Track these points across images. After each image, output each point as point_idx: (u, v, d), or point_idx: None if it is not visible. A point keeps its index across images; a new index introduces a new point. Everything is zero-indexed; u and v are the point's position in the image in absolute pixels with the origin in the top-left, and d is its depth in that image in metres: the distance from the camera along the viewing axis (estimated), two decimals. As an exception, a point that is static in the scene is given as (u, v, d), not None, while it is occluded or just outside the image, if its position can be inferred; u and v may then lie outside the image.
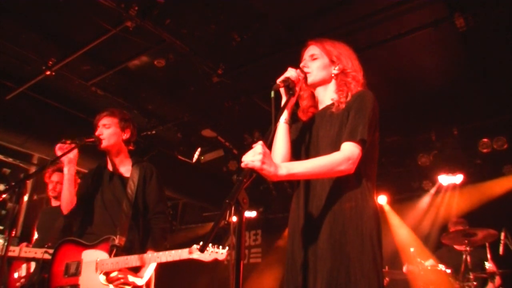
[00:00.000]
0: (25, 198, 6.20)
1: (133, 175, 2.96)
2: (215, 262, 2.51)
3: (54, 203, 4.12)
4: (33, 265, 3.68)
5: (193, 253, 2.44)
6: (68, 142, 2.83)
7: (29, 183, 6.16)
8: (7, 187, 5.97)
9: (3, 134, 5.16)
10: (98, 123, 3.01)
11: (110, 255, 2.67)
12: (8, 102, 5.13)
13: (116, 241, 2.69)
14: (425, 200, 6.45)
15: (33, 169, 6.60)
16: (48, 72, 4.79)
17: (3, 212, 6.38)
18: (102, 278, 2.63)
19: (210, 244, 2.43)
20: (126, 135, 3.06)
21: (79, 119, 5.64)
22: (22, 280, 3.64)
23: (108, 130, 2.96)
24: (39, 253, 3.53)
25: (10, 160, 6.40)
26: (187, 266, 8.01)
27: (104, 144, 2.93)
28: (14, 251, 3.51)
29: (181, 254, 2.50)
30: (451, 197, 6.14)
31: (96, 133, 2.95)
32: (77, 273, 2.72)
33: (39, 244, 3.78)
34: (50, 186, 4.07)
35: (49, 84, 5.23)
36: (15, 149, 5.51)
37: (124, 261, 2.61)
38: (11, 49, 4.68)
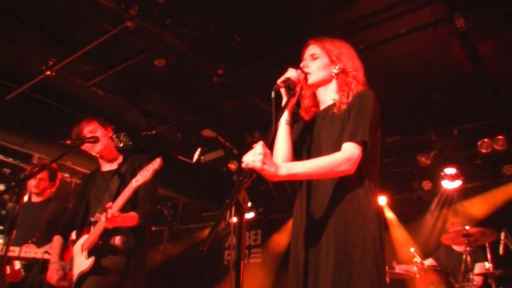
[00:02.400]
0: (25, 198, 6.19)
1: (122, 166, 3.04)
2: (214, 262, 2.54)
3: (35, 199, 4.13)
4: (17, 263, 3.67)
5: (138, 180, 2.62)
6: (68, 142, 2.85)
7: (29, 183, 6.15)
8: (7, 187, 5.97)
9: (3, 134, 5.15)
10: (83, 134, 3.05)
11: (88, 233, 2.75)
12: (8, 102, 5.13)
13: (93, 220, 2.75)
14: (425, 200, 6.45)
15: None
16: (48, 72, 4.79)
17: (3, 212, 6.38)
18: (86, 254, 2.68)
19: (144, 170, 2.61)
20: (110, 132, 3.16)
21: (79, 119, 5.63)
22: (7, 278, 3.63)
23: (96, 134, 3.03)
24: (39, 253, 3.53)
25: (10, 160, 6.40)
26: (187, 267, 8.02)
27: (99, 148, 3.02)
28: (14, 251, 3.51)
29: (129, 187, 2.63)
30: (451, 197, 6.14)
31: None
32: (71, 267, 2.78)
33: (19, 241, 3.76)
34: (33, 183, 4.10)
35: (49, 84, 5.22)
36: (15, 149, 5.50)
37: (97, 229, 2.66)
38: (11, 49, 4.68)
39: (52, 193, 4.29)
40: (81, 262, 2.70)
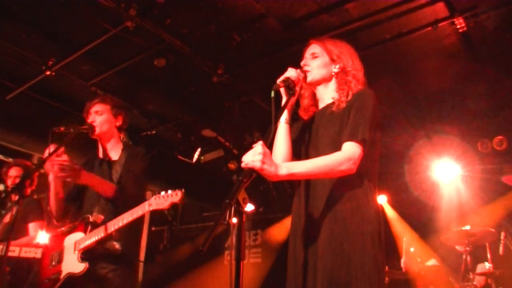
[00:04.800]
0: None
1: (121, 158, 2.90)
2: (214, 262, 2.49)
3: (13, 197, 4.11)
4: None
5: (152, 204, 2.46)
6: (62, 129, 2.77)
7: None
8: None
9: (3, 134, 5.15)
10: (90, 110, 2.96)
11: (85, 233, 2.63)
12: (8, 102, 5.13)
13: (91, 219, 2.64)
14: (425, 200, 6.44)
15: (33, 169, 6.59)
16: (48, 72, 4.79)
17: (3, 212, 6.37)
18: (79, 256, 2.60)
19: (162, 192, 2.46)
20: (118, 122, 3.01)
21: (79, 119, 5.62)
22: None
23: (100, 117, 2.91)
24: (39, 253, 3.53)
25: (10, 160, 6.39)
26: (187, 267, 8.01)
27: (97, 131, 2.88)
28: (14, 251, 3.51)
29: (142, 208, 2.48)
30: (451, 197, 6.13)
31: (89, 120, 2.90)
32: (60, 260, 2.69)
33: None
34: (8, 182, 4.09)
35: (49, 84, 5.22)
36: (15, 149, 5.50)
37: (96, 233, 2.57)
38: (11, 49, 4.67)
39: (32, 190, 4.25)
40: (73, 263, 2.60)
